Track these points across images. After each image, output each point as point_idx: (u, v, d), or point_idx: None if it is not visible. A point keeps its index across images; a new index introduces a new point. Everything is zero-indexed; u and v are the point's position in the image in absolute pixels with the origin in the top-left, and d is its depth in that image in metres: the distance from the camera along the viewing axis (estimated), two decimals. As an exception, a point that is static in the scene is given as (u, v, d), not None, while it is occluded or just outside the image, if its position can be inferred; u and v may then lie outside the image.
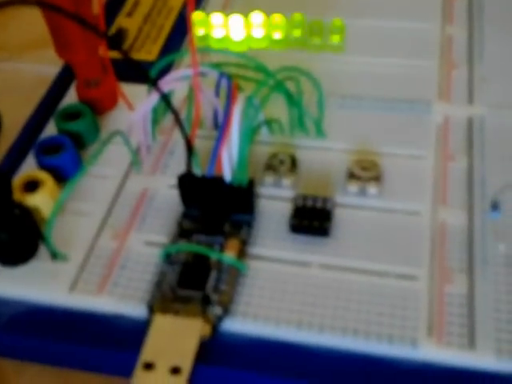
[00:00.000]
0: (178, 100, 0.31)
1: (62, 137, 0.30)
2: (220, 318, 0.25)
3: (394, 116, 0.31)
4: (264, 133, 0.31)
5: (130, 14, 0.39)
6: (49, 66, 0.37)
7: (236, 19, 0.33)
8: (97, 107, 0.32)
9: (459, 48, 0.34)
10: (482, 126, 0.30)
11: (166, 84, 0.28)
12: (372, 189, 0.28)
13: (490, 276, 0.25)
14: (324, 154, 0.30)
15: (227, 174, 0.27)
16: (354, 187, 0.28)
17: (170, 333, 0.24)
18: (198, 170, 0.27)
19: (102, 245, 0.28)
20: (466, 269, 0.25)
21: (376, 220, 0.27)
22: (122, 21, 0.39)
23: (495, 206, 0.27)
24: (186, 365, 0.23)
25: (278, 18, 0.33)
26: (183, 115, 0.30)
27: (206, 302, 0.25)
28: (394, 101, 0.32)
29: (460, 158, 0.29)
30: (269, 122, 0.30)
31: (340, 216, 0.28)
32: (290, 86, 0.29)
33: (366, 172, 0.28)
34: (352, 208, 0.28)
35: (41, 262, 0.27)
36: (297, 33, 0.33)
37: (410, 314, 0.24)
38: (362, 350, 0.24)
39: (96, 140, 0.31)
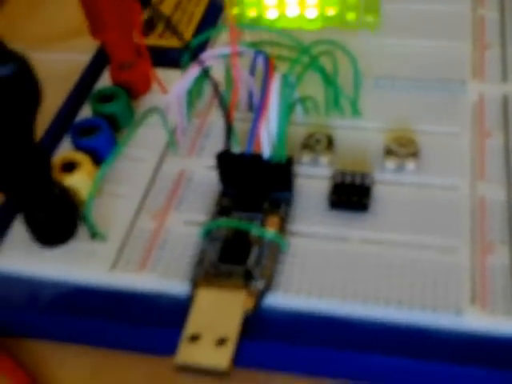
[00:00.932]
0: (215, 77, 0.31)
1: (97, 119, 0.31)
2: (263, 292, 0.25)
3: (429, 95, 0.32)
4: (299, 114, 0.31)
5: (160, 2, 0.40)
6: (79, 54, 0.37)
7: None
8: (130, 91, 0.33)
9: (491, 29, 0.35)
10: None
11: (203, 61, 0.29)
12: (410, 164, 0.29)
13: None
14: (360, 133, 0.31)
15: (266, 151, 0.27)
16: (391, 163, 0.29)
17: (213, 306, 0.25)
18: (236, 148, 0.28)
19: (141, 225, 0.28)
20: (508, 240, 0.26)
21: (414, 195, 0.28)
22: (151, 11, 0.39)
23: None
24: (232, 336, 0.24)
25: None
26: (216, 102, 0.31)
27: (248, 276, 0.25)
28: (429, 80, 0.32)
29: (496, 135, 0.30)
30: (304, 101, 0.30)
31: (378, 192, 0.28)
32: (325, 62, 0.30)
33: (404, 148, 0.29)
34: (390, 184, 0.28)
35: (80, 242, 0.28)
36: (332, 10, 0.34)
37: (453, 284, 0.25)
38: (406, 320, 0.24)
39: (130, 123, 0.32)
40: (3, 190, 0.25)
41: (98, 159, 0.30)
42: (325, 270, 0.26)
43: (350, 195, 0.28)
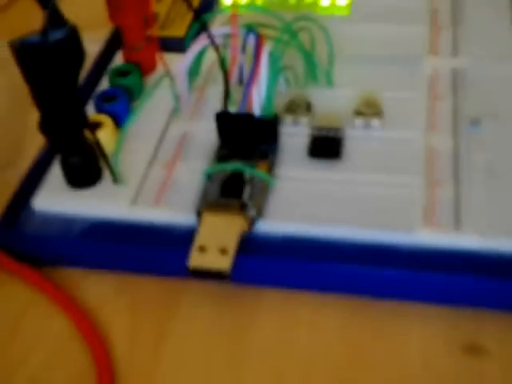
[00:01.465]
0: (209, 59, 0.38)
1: (116, 89, 0.37)
2: (255, 218, 0.32)
3: (392, 69, 0.39)
4: (282, 84, 0.38)
5: (159, 0, 0.46)
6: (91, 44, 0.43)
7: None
8: (140, 69, 0.39)
9: (444, 16, 0.42)
10: (464, 75, 0.38)
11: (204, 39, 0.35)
12: (375, 122, 0.35)
13: (473, 181, 0.32)
14: (333, 99, 0.37)
15: (256, 110, 0.34)
16: (360, 121, 0.35)
17: (216, 226, 0.31)
18: (232, 109, 0.34)
19: (154, 172, 0.35)
20: (452, 178, 0.33)
21: (379, 146, 0.35)
22: (153, 6, 0.46)
23: (475, 122, 0.34)
24: (231, 247, 0.30)
25: None
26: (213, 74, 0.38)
27: (243, 207, 0.32)
28: (392, 57, 0.39)
29: (446, 99, 0.37)
30: (286, 71, 0.37)
31: (349, 144, 0.35)
32: (304, 38, 0.36)
33: (370, 109, 0.36)
34: (359, 139, 0.35)
35: (105, 185, 0.34)
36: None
37: (408, 209, 0.31)
38: (371, 238, 0.31)
39: (142, 94, 0.38)
40: (48, 133, 0.32)
41: (118, 122, 0.37)
42: (305, 201, 0.32)
43: (326, 145, 0.34)
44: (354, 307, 0.31)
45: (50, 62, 0.30)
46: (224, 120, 0.35)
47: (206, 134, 0.36)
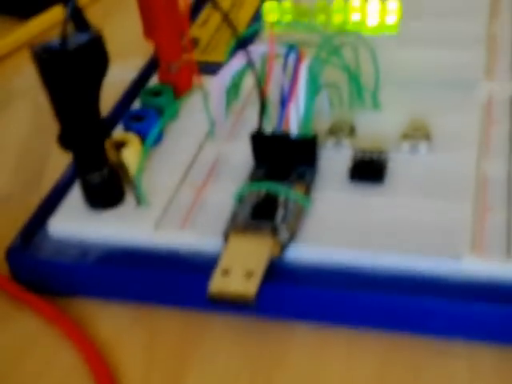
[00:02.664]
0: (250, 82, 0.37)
1: (146, 109, 0.36)
2: (287, 243, 0.30)
3: (444, 93, 0.37)
4: (325, 106, 0.36)
5: (203, 25, 0.46)
6: (127, 71, 0.43)
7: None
8: (174, 89, 0.38)
9: (503, 41, 0.40)
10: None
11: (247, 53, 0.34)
12: (423, 146, 0.33)
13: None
14: (379, 122, 0.35)
15: (294, 129, 0.32)
16: (406, 145, 0.33)
17: (243, 250, 0.29)
18: (268, 127, 0.33)
19: (182, 195, 0.33)
20: (507, 202, 0.30)
21: (426, 171, 0.32)
22: (195, 31, 0.45)
23: None
24: (259, 271, 0.28)
25: (338, 2, 0.39)
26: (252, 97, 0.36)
27: (275, 230, 0.30)
28: (444, 80, 0.37)
29: (503, 123, 0.34)
30: (329, 89, 0.35)
31: (394, 168, 0.33)
32: (348, 55, 0.35)
33: (417, 131, 0.34)
34: (405, 162, 0.33)
35: (127, 208, 0.33)
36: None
37: (455, 236, 0.29)
38: (414, 266, 0.28)
39: (175, 116, 0.37)
40: (67, 147, 0.31)
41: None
42: (343, 227, 0.30)
43: (368, 168, 0.32)
44: (393, 343, 0.29)
45: (72, 68, 0.29)
46: (259, 140, 0.33)
47: (242, 155, 0.35)
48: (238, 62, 0.34)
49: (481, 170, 0.32)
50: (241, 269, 0.28)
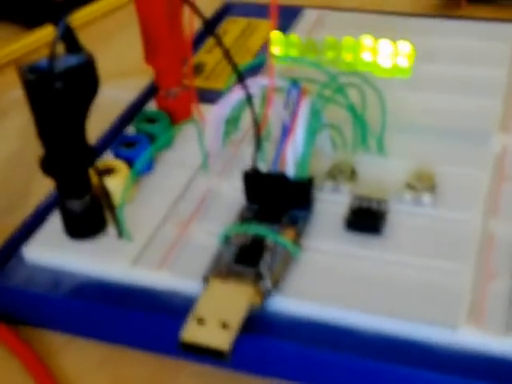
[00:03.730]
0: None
1: (138, 135, 0.34)
2: (269, 291, 0.28)
3: (454, 143, 0.34)
4: (327, 147, 0.34)
5: (210, 50, 0.44)
6: (126, 92, 0.41)
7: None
8: (172, 117, 0.36)
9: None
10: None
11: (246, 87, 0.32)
12: (426, 198, 0.31)
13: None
14: (383, 168, 0.33)
15: (290, 170, 0.30)
16: (409, 195, 0.31)
17: (222, 297, 0.27)
18: (263, 166, 0.31)
19: (165, 231, 0.31)
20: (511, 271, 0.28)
21: (427, 225, 0.30)
22: (202, 56, 0.44)
23: None
24: (235, 322, 0.26)
25: (348, 40, 0.37)
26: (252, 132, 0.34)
27: (259, 277, 0.28)
28: (455, 130, 0.35)
29: (512, 180, 0.32)
30: (331, 130, 0.33)
31: (394, 220, 0.31)
32: (354, 96, 0.33)
33: (422, 182, 0.32)
34: (406, 214, 0.31)
35: (107, 239, 0.31)
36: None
37: (453, 302, 0.27)
38: (404, 331, 0.26)
39: (169, 144, 0.35)
40: (48, 172, 0.29)
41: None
42: (333, 280, 0.28)
43: (366, 218, 0.30)
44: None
45: (58, 91, 0.27)
46: (252, 179, 0.31)
47: (233, 192, 0.33)
48: (236, 94, 0.33)
49: (487, 230, 0.30)
50: (217, 318, 0.26)
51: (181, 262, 0.30)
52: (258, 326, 0.27)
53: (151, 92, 0.39)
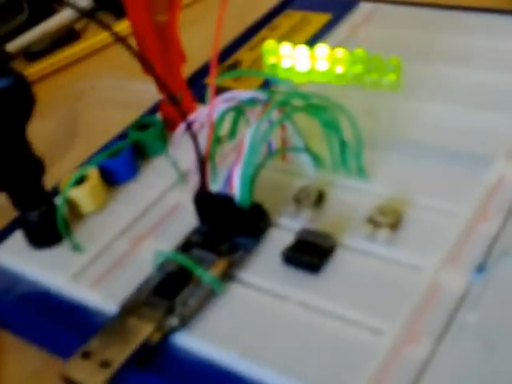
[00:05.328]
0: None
1: (123, 142, 0.33)
2: (174, 329, 0.26)
3: (445, 167, 0.30)
4: (309, 167, 0.31)
5: (253, 48, 0.42)
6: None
7: (301, 50, 0.34)
8: (171, 122, 0.35)
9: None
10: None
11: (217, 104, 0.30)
12: (383, 235, 0.28)
13: (456, 347, 0.24)
14: (354, 194, 0.30)
15: (237, 195, 0.28)
16: (366, 230, 0.28)
17: (120, 331, 0.26)
18: (215, 188, 0.29)
19: (117, 246, 0.30)
20: (438, 334, 0.24)
21: (374, 268, 0.27)
22: (241, 53, 0.42)
23: (480, 268, 0.25)
24: (117, 361, 0.25)
25: (341, 52, 0.33)
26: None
27: (170, 311, 0.26)
28: (452, 152, 0.31)
29: (494, 223, 0.28)
30: (309, 152, 0.31)
31: (340, 257, 0.28)
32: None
33: (384, 218, 0.28)
34: (356, 252, 0.28)
35: (61, 250, 0.31)
36: (357, 69, 0.34)
37: (359, 369, 0.24)
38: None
39: (162, 152, 0.34)
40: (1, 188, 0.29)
41: (114, 180, 0.33)
42: (248, 323, 0.26)
43: (305, 254, 0.27)
44: None
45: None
46: (201, 200, 0.29)
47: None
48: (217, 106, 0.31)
49: (434, 282, 0.26)
50: (101, 355, 0.25)
51: (115, 283, 0.29)
52: (153, 362, 0.26)
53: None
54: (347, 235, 0.28)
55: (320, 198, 0.30)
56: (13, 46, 0.51)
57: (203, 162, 0.29)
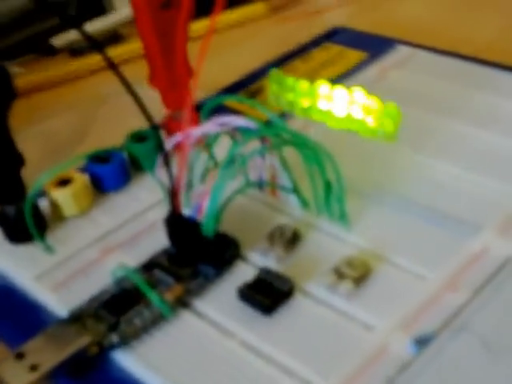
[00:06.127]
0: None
1: (114, 151, 0.33)
2: (114, 346, 0.26)
3: (434, 229, 0.29)
4: (294, 204, 0.31)
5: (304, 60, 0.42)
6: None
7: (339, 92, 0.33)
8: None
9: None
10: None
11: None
12: (344, 289, 0.27)
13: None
14: (332, 240, 0.29)
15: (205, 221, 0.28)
16: (328, 279, 0.27)
17: (59, 338, 0.26)
18: (187, 211, 0.29)
19: (87, 253, 0.30)
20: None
21: (327, 321, 0.26)
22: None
23: (421, 341, 0.24)
24: (45, 367, 0.25)
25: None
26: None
27: (113, 327, 0.26)
28: (441, 215, 0.30)
29: (462, 293, 0.26)
30: (296, 193, 0.30)
31: (296, 303, 0.27)
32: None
33: (350, 271, 0.27)
34: (313, 300, 0.27)
35: (33, 247, 0.31)
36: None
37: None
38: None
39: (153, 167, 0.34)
40: None
41: (103, 187, 0.33)
42: (186, 354, 0.25)
43: (260, 294, 0.27)
44: None
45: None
46: (171, 222, 0.29)
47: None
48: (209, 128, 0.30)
49: (385, 343, 0.25)
50: (33, 358, 0.25)
51: (75, 289, 0.29)
52: (87, 374, 0.25)
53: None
54: (310, 282, 0.27)
55: (294, 239, 0.29)
56: (59, 40, 0.51)
57: (175, 185, 0.28)
